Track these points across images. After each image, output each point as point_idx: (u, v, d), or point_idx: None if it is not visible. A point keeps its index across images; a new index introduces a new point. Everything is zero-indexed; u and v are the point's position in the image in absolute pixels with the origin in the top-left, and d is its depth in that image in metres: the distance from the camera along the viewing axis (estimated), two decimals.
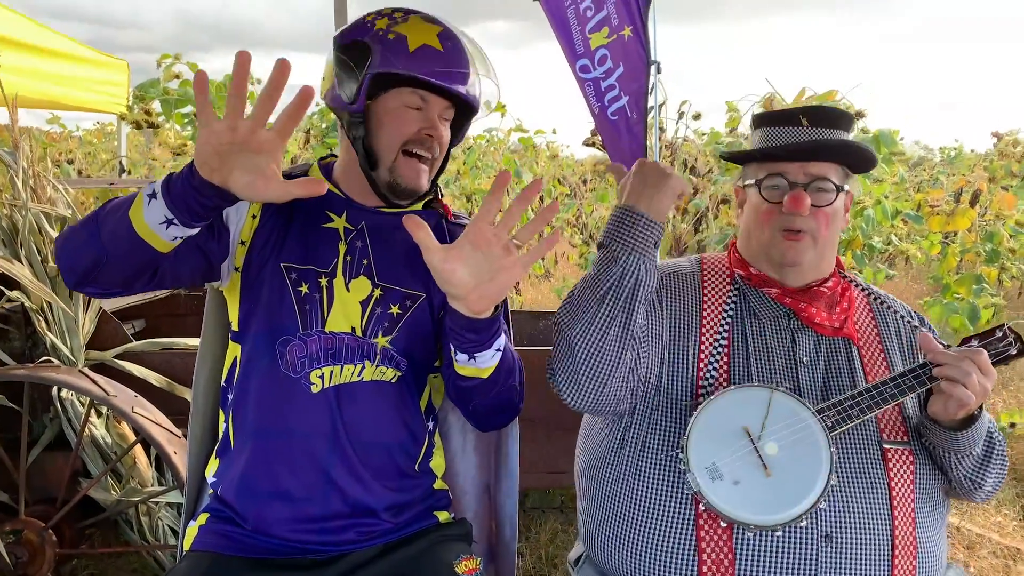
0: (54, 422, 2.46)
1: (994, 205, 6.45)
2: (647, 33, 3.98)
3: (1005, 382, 4.95)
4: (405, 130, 1.38)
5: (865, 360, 1.41)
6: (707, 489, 1.25)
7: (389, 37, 1.34)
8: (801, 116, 1.43)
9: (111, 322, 2.58)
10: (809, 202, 1.38)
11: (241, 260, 1.40)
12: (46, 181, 2.49)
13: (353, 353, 1.38)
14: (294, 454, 1.36)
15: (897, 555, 1.27)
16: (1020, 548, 3.18)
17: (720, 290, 1.48)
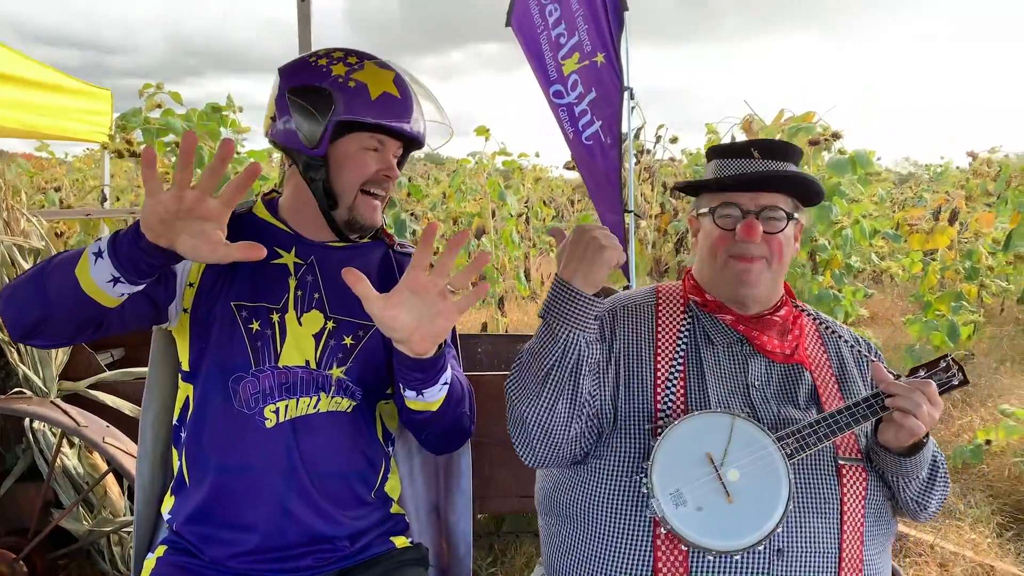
0: (27, 453, 2.47)
1: (973, 223, 6.53)
2: (620, 59, 4.06)
3: (983, 399, 5.00)
4: (365, 172, 1.44)
5: (818, 384, 1.46)
6: (671, 515, 1.27)
7: (350, 85, 1.40)
8: (753, 149, 1.48)
9: (84, 352, 2.60)
10: (761, 230, 1.43)
11: (190, 301, 1.43)
12: (19, 213, 2.52)
13: (308, 386, 1.41)
14: (250, 489, 1.38)
15: (844, 569, 1.31)
16: (994, 566, 3.20)
17: (675, 317, 1.51)
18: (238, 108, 4.70)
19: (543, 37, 4.34)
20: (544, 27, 4.34)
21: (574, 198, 11.42)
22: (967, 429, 4.49)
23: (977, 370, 5.82)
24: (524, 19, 4.36)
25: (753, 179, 1.45)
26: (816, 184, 1.48)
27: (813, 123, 5.47)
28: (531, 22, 4.35)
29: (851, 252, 5.62)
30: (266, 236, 1.46)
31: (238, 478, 1.38)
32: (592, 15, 4.17)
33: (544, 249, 9.42)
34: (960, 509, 3.69)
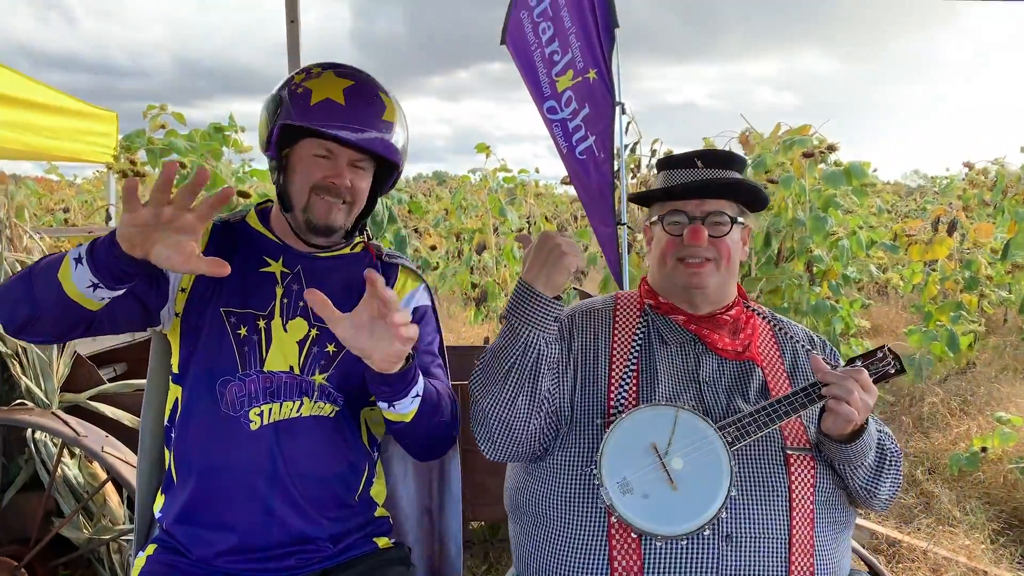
0: (28, 463, 2.53)
1: (972, 233, 6.55)
2: (612, 75, 4.13)
3: (981, 408, 5.00)
4: (311, 177, 1.48)
5: (769, 380, 1.52)
6: (619, 502, 1.34)
7: (297, 91, 1.45)
8: (696, 159, 1.57)
9: (85, 365, 2.67)
10: (707, 234, 1.52)
11: (182, 306, 1.49)
12: (22, 231, 2.60)
13: (291, 390, 1.47)
14: (235, 489, 1.44)
15: (794, 554, 1.36)
16: (988, 571, 3.21)
17: (631, 321, 1.59)
18: (240, 128, 4.79)
19: (536, 54, 4.42)
20: (538, 44, 4.43)
21: (577, 213, 11.50)
22: (964, 437, 4.50)
23: (977, 379, 5.82)
24: (518, 37, 4.45)
25: (696, 187, 1.54)
26: (757, 189, 1.57)
27: (808, 136, 5.53)
28: (525, 40, 4.44)
29: (848, 263, 5.65)
30: (256, 245, 1.53)
31: (222, 478, 1.44)
32: (584, 32, 4.25)
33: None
34: (955, 516, 3.70)
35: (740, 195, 1.57)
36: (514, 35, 4.47)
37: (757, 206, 1.61)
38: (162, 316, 1.49)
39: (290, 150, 1.50)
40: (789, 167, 5.47)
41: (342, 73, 1.48)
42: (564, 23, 4.31)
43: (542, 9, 4.41)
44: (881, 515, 3.69)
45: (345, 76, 1.48)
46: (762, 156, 5.57)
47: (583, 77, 4.20)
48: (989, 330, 7.12)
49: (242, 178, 4.89)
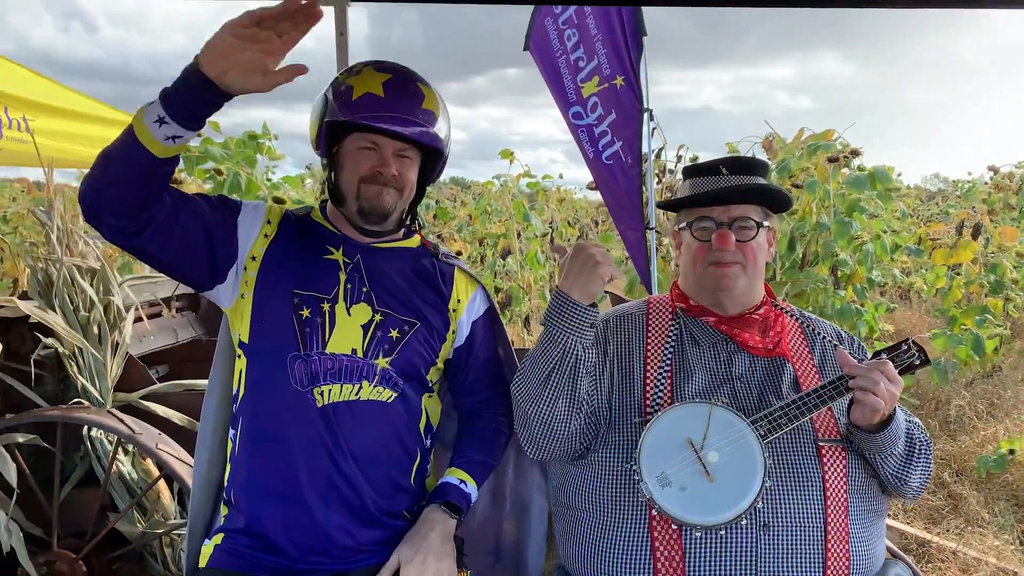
0: (84, 460, 2.63)
1: (996, 237, 6.55)
2: (639, 82, 4.20)
3: (1008, 411, 5.01)
4: (359, 169, 1.55)
5: (799, 374, 1.59)
6: (658, 496, 1.41)
7: (340, 89, 1.53)
8: (721, 167, 1.65)
9: (136, 365, 2.77)
10: (734, 239, 1.59)
11: (252, 276, 1.55)
12: (77, 236, 2.71)
13: (352, 373, 1.53)
14: (300, 461, 1.50)
15: (830, 541, 1.43)
16: (1017, 572, 3.23)
17: (663, 324, 1.67)
18: (273, 136, 4.90)
19: (562, 61, 4.49)
20: (563, 51, 4.50)
21: (598, 218, 11.56)
22: (991, 440, 4.51)
23: (1003, 383, 5.82)
24: (542, 43, 4.52)
25: (722, 193, 1.61)
26: (781, 193, 1.65)
27: (832, 141, 5.57)
28: (549, 46, 4.50)
29: (873, 267, 5.68)
30: (319, 235, 1.61)
31: (289, 450, 1.50)
32: (611, 39, 4.31)
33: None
34: (984, 517, 3.72)
35: (764, 199, 1.64)
36: (538, 42, 4.55)
37: (781, 208, 1.68)
38: (228, 277, 1.54)
39: (339, 147, 1.57)
40: (813, 172, 5.51)
41: (381, 67, 1.56)
42: (590, 30, 4.38)
43: (567, 16, 4.48)
44: (910, 516, 3.72)
45: (384, 70, 1.55)
46: (786, 161, 5.61)
47: (610, 83, 4.26)
48: (1014, 334, 7.09)
49: (274, 184, 4.99)
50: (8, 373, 2.57)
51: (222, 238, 1.51)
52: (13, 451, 2.43)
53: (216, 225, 1.50)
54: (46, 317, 2.53)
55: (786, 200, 1.66)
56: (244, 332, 1.57)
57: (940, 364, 5.86)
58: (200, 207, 1.48)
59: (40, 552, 2.45)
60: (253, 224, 1.57)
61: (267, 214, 1.60)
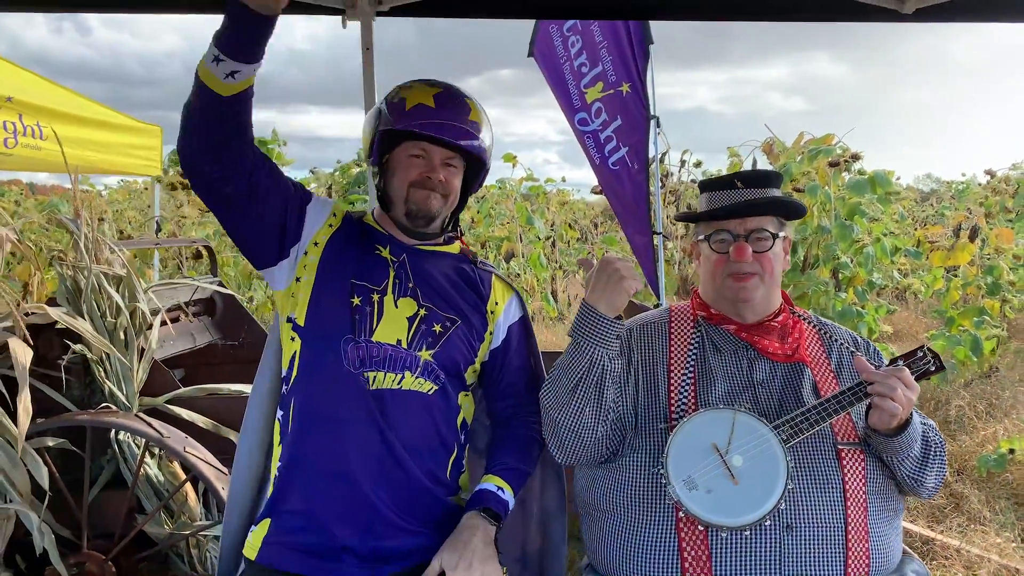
0: (111, 463, 2.69)
1: (993, 239, 6.64)
2: (646, 89, 4.26)
3: (1007, 411, 5.09)
4: (409, 175, 1.65)
5: (818, 379, 1.65)
6: (685, 498, 1.48)
7: (394, 101, 1.65)
8: (737, 181, 1.72)
9: (161, 370, 2.83)
10: (751, 251, 1.65)
11: (314, 261, 1.63)
12: (103, 244, 2.76)
13: (395, 363, 1.61)
14: (350, 439, 1.56)
15: (851, 540, 1.49)
16: (1020, 568, 3.31)
17: (685, 332, 1.73)
18: (282, 141, 4.96)
19: (566, 67, 4.55)
20: (567, 57, 4.56)
21: (597, 221, 11.65)
22: (991, 439, 4.60)
23: (1001, 383, 5.91)
24: (546, 50, 4.59)
25: (738, 208, 1.67)
26: (794, 203, 1.72)
27: (832, 145, 5.65)
28: (553, 53, 4.57)
29: (873, 269, 5.76)
30: (371, 234, 1.72)
31: (343, 428, 1.57)
32: (616, 47, 4.38)
33: (571, 271, 9.61)
34: (985, 515, 3.80)
35: (779, 210, 1.71)
36: (542, 48, 4.62)
37: (795, 216, 1.75)
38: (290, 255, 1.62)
39: (390, 155, 1.68)
40: (814, 176, 5.59)
41: (432, 83, 1.68)
42: (595, 37, 4.45)
43: (571, 23, 4.55)
44: (913, 515, 3.80)
45: (434, 85, 1.68)
46: (787, 165, 5.69)
47: (615, 90, 4.34)
48: (1011, 334, 7.19)
49: None
50: (38, 378, 2.62)
51: (295, 217, 1.61)
52: (43, 454, 2.48)
53: (292, 201, 1.61)
54: (75, 323, 2.58)
55: (800, 209, 1.72)
56: (301, 315, 1.63)
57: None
58: (282, 180, 1.60)
59: (70, 553, 2.50)
60: (320, 213, 1.67)
61: (333, 208, 1.71)
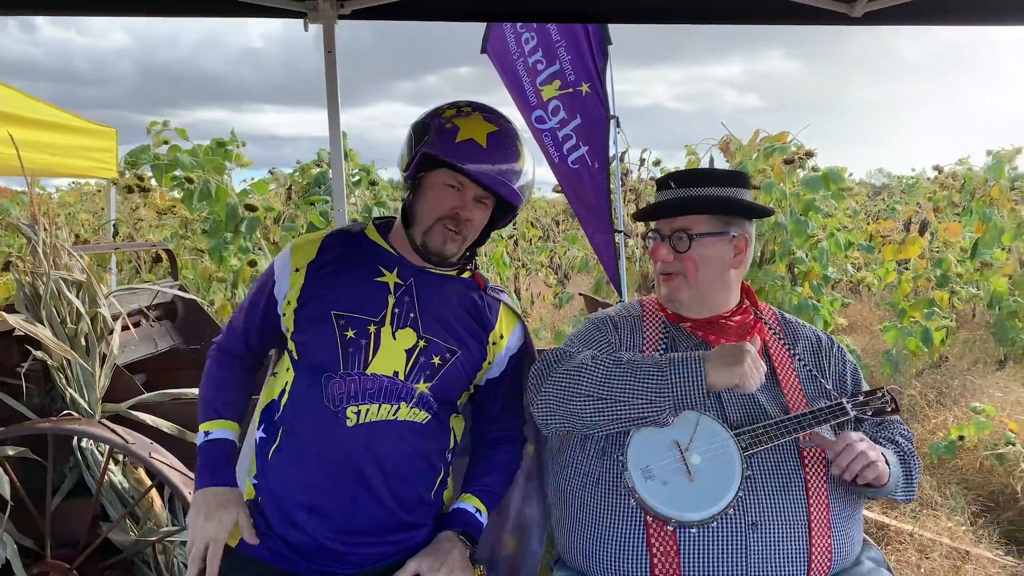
0: (73, 471, 2.65)
1: (941, 233, 6.85)
2: (605, 89, 4.31)
3: (956, 399, 5.27)
4: (442, 205, 1.60)
5: (781, 379, 1.69)
6: (640, 486, 1.52)
7: (446, 126, 1.57)
8: (670, 180, 1.75)
9: (124, 376, 2.79)
10: (665, 250, 1.70)
11: (292, 308, 1.63)
12: (62, 249, 2.72)
13: (390, 394, 1.59)
14: (327, 475, 1.57)
15: (814, 536, 1.54)
16: (969, 551, 3.44)
17: (655, 328, 1.76)
18: (241, 143, 4.91)
19: (519, 64, 4.55)
20: (520, 54, 4.56)
21: (559, 219, 11.71)
22: (942, 427, 4.76)
23: (951, 372, 6.11)
24: (499, 46, 4.58)
25: (661, 207, 1.73)
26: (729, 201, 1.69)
27: (787, 143, 5.77)
28: (506, 49, 4.56)
29: (828, 264, 5.90)
30: (373, 255, 1.67)
31: (317, 463, 1.58)
32: (575, 47, 4.41)
33: (533, 269, 9.65)
34: (937, 500, 3.94)
35: (710, 209, 1.69)
36: (495, 44, 4.61)
37: (743, 213, 1.71)
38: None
39: (425, 174, 1.62)
40: (770, 173, 5.72)
41: (489, 118, 1.61)
42: (551, 36, 4.46)
43: None
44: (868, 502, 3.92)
45: (491, 121, 1.60)
46: (743, 163, 5.81)
47: (574, 89, 4.36)
48: (959, 325, 7.43)
49: (245, 191, 5.01)
50: None
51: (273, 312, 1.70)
52: (3, 464, 2.44)
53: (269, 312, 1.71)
54: (34, 330, 2.54)
55: (741, 206, 1.69)
56: (293, 348, 1.65)
57: (891, 355, 6.13)
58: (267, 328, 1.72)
59: (33, 563, 2.47)
60: (283, 275, 1.68)
61: (292, 255, 1.68)
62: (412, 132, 1.63)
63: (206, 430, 1.66)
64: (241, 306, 1.77)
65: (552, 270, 10.69)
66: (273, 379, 1.73)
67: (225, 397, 1.71)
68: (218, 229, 4.73)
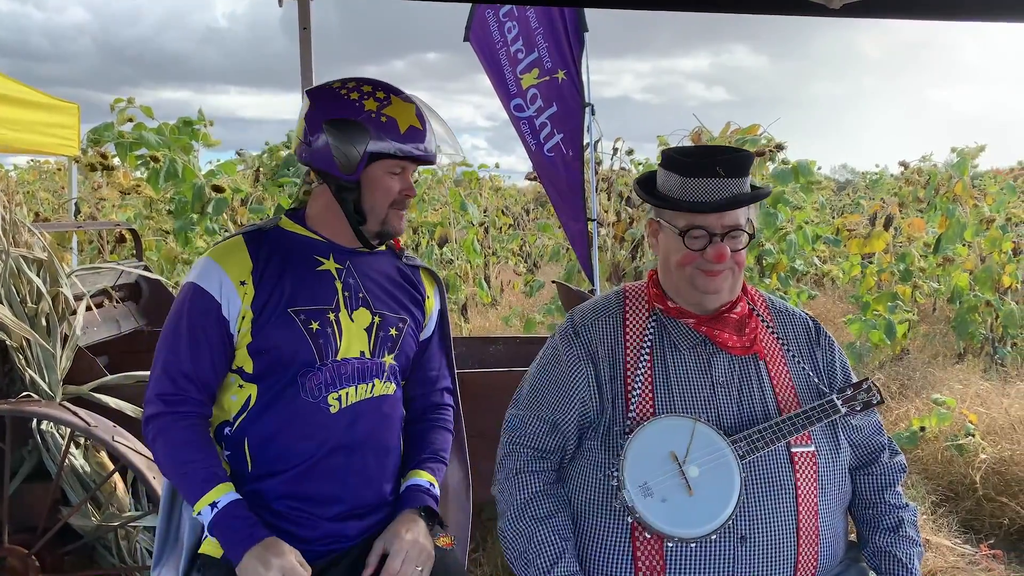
0: (33, 454, 2.58)
1: (905, 228, 6.96)
2: (581, 76, 4.30)
3: (918, 391, 5.37)
4: (391, 193, 1.63)
5: (772, 374, 1.64)
6: (640, 505, 1.46)
7: (382, 120, 1.57)
8: (717, 167, 1.53)
9: (87, 357, 2.72)
10: (729, 251, 1.55)
11: (249, 319, 1.57)
12: (22, 226, 2.64)
13: (364, 374, 1.64)
14: (317, 466, 1.59)
15: (802, 545, 1.51)
16: (929, 539, 3.51)
17: (640, 320, 1.66)
18: (209, 122, 4.81)
19: (502, 53, 4.53)
20: (503, 43, 4.54)
21: (529, 207, 11.71)
22: (904, 418, 4.84)
23: (912, 365, 6.22)
24: (483, 35, 4.56)
25: (722, 205, 1.53)
26: (768, 193, 1.67)
27: (758, 135, 5.82)
28: (490, 38, 4.55)
29: (795, 256, 5.97)
30: (304, 247, 1.65)
31: (306, 459, 1.58)
32: (552, 34, 4.39)
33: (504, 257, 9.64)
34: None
35: (753, 200, 1.60)
36: (478, 33, 4.59)
37: (762, 199, 1.68)
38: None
39: (365, 169, 1.59)
40: None
41: (404, 98, 1.63)
42: (531, 23, 4.44)
43: (507, 8, 4.54)
44: None
45: (406, 99, 1.63)
46: None
47: (551, 77, 4.35)
48: (921, 319, 7.57)
49: (213, 173, 4.91)
50: None
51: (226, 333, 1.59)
52: None
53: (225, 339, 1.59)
54: None
55: (768, 195, 1.68)
56: (247, 364, 1.59)
57: (855, 347, 6.23)
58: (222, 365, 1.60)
59: None
60: (228, 293, 1.57)
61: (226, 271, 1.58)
62: (340, 135, 1.55)
63: (212, 502, 1.50)
64: (173, 351, 1.57)
65: (522, 258, 10.69)
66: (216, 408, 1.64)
67: (208, 460, 1.54)
68: (184, 210, 4.63)
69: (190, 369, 1.56)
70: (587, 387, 1.61)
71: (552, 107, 4.41)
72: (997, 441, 4.19)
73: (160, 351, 1.59)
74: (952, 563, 3.37)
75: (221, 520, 1.49)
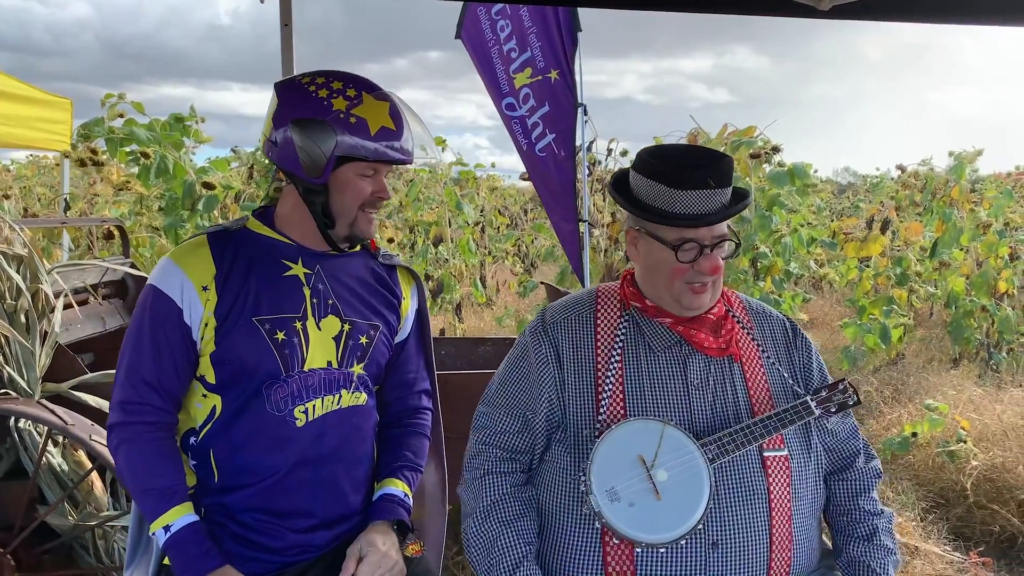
0: (10, 452, 2.56)
1: (903, 232, 6.93)
2: (574, 76, 4.27)
3: (911, 396, 5.34)
4: (362, 196, 1.55)
5: (747, 376, 1.61)
6: (607, 510, 1.43)
7: (351, 121, 1.48)
8: (710, 180, 1.49)
9: (66, 355, 2.70)
10: (721, 262, 1.55)
11: (212, 327, 1.51)
12: (3, 222, 2.62)
13: (331, 385, 1.58)
14: (287, 481, 1.55)
15: (774, 549, 1.49)
16: (919, 546, 3.49)
17: (612, 320, 1.63)
18: (200, 119, 4.79)
19: (494, 51, 4.50)
20: (495, 41, 4.50)
21: (527, 207, 11.68)
22: (896, 423, 4.81)
23: (907, 369, 6.19)
24: (475, 33, 4.52)
25: (717, 218, 1.51)
26: (747, 192, 1.62)
27: (754, 137, 5.79)
28: (482, 36, 4.51)
29: (790, 259, 5.94)
30: (272, 250, 1.58)
31: (272, 473, 1.54)
32: (545, 33, 4.36)
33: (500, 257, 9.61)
34: (888, 496, 3.98)
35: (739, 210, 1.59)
36: (470, 31, 4.55)
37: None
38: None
39: (334, 171, 1.52)
40: (736, 167, 5.73)
41: (379, 96, 1.54)
42: (524, 22, 4.41)
43: (500, 7, 4.51)
44: None
45: (380, 97, 1.54)
46: None
47: (543, 76, 4.31)
48: (917, 323, 7.54)
49: (202, 169, 4.89)
50: None
51: (190, 340, 1.52)
52: None
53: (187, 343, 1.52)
54: None
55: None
56: (210, 373, 1.54)
57: (850, 351, 6.20)
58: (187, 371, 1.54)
59: None
60: (189, 297, 1.51)
61: (187, 274, 1.52)
62: (305, 136, 1.48)
63: (165, 524, 1.46)
64: (135, 357, 1.51)
65: (519, 258, 10.67)
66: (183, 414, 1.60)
67: (166, 478, 1.49)
68: (174, 206, 4.61)
69: (153, 377, 1.50)
70: (553, 386, 1.59)
71: (544, 107, 4.38)
72: (989, 448, 4.16)
73: (123, 356, 1.54)
74: (941, 570, 3.34)
75: (173, 545, 1.46)
